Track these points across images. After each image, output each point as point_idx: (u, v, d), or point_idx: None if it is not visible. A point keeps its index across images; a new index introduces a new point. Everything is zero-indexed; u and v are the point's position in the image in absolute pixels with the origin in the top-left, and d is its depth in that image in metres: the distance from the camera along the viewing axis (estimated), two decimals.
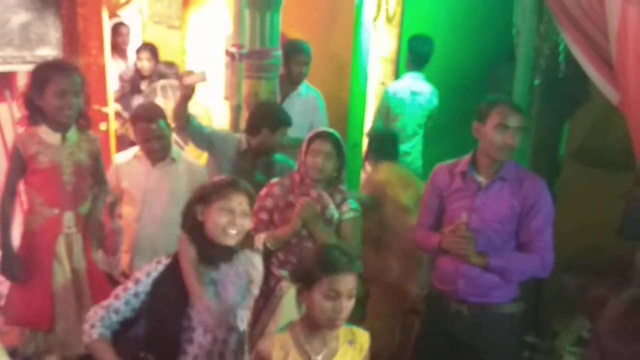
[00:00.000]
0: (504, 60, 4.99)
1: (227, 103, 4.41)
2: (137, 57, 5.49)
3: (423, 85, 4.73)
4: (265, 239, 2.96)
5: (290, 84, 4.22)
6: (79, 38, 4.25)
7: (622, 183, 3.43)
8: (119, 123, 4.87)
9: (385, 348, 3.53)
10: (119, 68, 5.66)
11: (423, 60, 4.74)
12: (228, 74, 4.23)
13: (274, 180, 3.11)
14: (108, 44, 4.39)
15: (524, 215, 2.64)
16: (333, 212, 2.97)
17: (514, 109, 2.62)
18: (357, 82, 4.76)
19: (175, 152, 3.42)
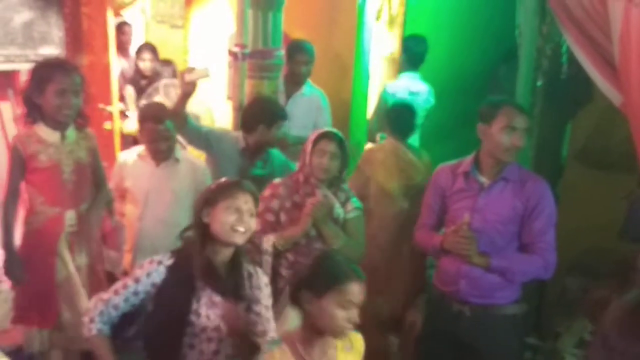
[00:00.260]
0: (505, 61, 4.99)
1: (229, 103, 4.40)
2: (138, 57, 5.49)
3: (420, 85, 4.75)
4: (275, 241, 2.95)
5: (294, 84, 4.22)
6: (84, 37, 4.26)
7: (624, 185, 3.44)
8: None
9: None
10: (121, 67, 5.67)
11: (418, 60, 4.77)
12: (231, 74, 4.23)
13: (277, 181, 3.11)
14: (113, 43, 4.39)
15: (527, 217, 2.64)
16: (339, 211, 2.98)
17: (520, 110, 2.64)
18: (359, 81, 4.75)
19: (179, 152, 3.43)
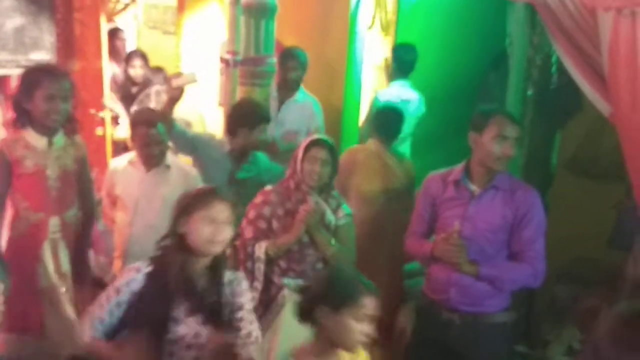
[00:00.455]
0: (494, 68, 5.03)
1: (221, 109, 4.41)
2: (128, 64, 5.45)
3: (411, 93, 4.78)
4: (267, 247, 2.95)
5: (287, 90, 4.24)
6: (76, 42, 4.26)
7: (613, 194, 3.47)
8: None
9: None
10: (113, 72, 5.65)
11: (408, 68, 4.80)
12: (222, 81, 4.24)
13: (268, 188, 3.11)
14: (105, 49, 4.39)
15: (516, 225, 2.65)
16: (330, 218, 2.99)
17: (511, 120, 2.65)
18: (351, 89, 4.78)
19: (170, 158, 3.42)
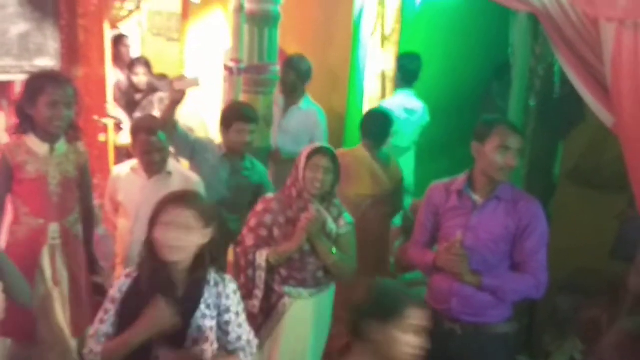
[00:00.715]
0: (498, 77, 5.04)
1: None
2: (131, 71, 5.47)
3: (415, 102, 4.79)
4: (268, 256, 2.95)
5: (291, 98, 4.27)
6: (80, 49, 4.27)
7: (616, 204, 3.46)
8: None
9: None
10: (117, 78, 5.67)
11: (413, 77, 4.80)
12: (226, 88, 4.25)
13: (270, 196, 3.11)
14: (109, 56, 4.40)
15: (519, 236, 2.65)
16: (332, 226, 2.98)
17: (514, 130, 2.65)
18: (353, 97, 4.79)
19: (172, 165, 3.42)
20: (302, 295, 3.02)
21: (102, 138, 4.36)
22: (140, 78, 5.42)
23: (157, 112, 4.77)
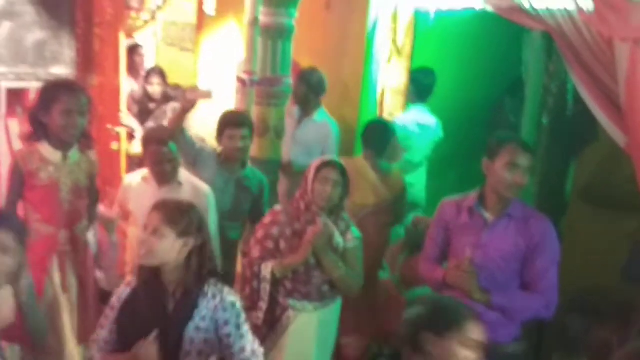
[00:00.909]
0: (510, 93, 5.03)
1: None
2: (146, 81, 5.52)
3: (429, 118, 4.77)
4: (273, 268, 2.95)
5: (305, 110, 4.34)
6: (95, 58, 4.31)
7: (627, 224, 3.43)
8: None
9: None
10: (131, 88, 5.71)
11: (426, 92, 4.79)
12: (238, 99, 4.27)
13: (278, 208, 3.12)
14: (124, 65, 4.44)
15: (529, 255, 2.64)
16: (339, 240, 2.98)
17: (524, 148, 2.64)
18: (366, 112, 4.78)
19: (182, 175, 3.44)
20: (306, 309, 3.01)
21: (114, 146, 4.38)
22: (155, 88, 5.46)
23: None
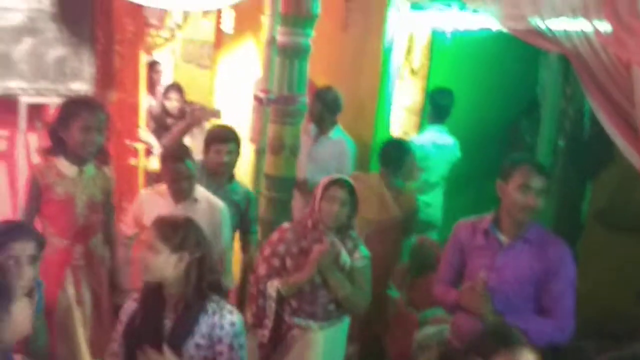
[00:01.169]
0: (527, 113, 5.02)
1: (251, 145, 4.47)
2: (165, 97, 5.59)
3: (446, 138, 4.77)
4: (279, 286, 2.95)
5: (320, 128, 4.38)
6: (115, 74, 4.38)
7: None
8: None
9: None
10: (149, 104, 5.77)
11: (444, 113, 4.78)
12: (254, 117, 4.31)
13: (286, 225, 3.12)
14: (143, 82, 4.50)
15: (545, 279, 2.61)
16: (346, 259, 2.96)
17: (538, 170, 2.62)
18: (381, 130, 4.80)
19: (199, 192, 3.46)
20: (312, 328, 2.99)
21: (132, 162, 4.43)
22: (173, 103, 5.53)
23: (186, 137, 4.84)
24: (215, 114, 3.39)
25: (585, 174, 3.69)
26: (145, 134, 4.98)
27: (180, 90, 5.61)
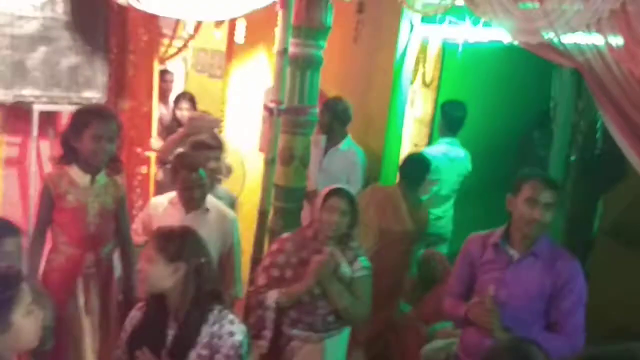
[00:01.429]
0: (538, 126, 5.01)
1: (261, 155, 4.48)
2: (176, 106, 5.61)
3: (459, 151, 4.75)
4: (278, 297, 2.93)
5: (331, 139, 4.40)
6: (129, 83, 4.41)
7: None
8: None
9: None
10: (160, 113, 5.80)
11: (457, 125, 4.77)
12: (265, 127, 4.32)
13: (285, 236, 3.12)
14: (156, 91, 4.53)
15: (555, 295, 2.59)
16: (346, 270, 2.95)
17: (547, 185, 2.61)
18: (391, 142, 4.80)
19: (210, 201, 3.46)
20: (311, 339, 2.97)
21: (143, 170, 4.44)
22: (184, 112, 5.53)
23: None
24: (215, 124, 3.38)
25: (597, 189, 3.67)
26: (157, 143, 4.99)
27: (192, 99, 5.62)
